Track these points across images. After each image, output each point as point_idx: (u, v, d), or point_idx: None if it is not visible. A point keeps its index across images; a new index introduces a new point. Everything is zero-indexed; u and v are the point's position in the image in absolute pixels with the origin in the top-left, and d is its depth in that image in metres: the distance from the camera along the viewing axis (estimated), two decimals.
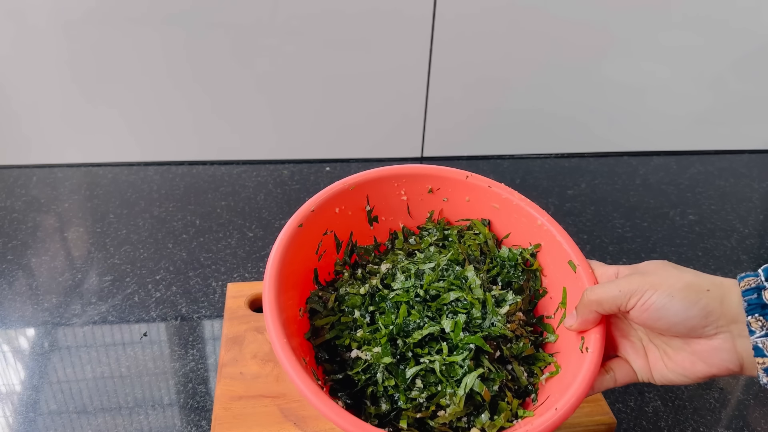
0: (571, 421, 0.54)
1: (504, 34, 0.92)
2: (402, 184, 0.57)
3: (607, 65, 0.96)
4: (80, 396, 0.59)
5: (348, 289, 0.53)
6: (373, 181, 0.56)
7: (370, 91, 0.94)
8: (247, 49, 0.88)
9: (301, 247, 0.52)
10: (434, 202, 0.58)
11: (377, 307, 0.51)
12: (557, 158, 1.03)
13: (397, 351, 0.48)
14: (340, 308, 0.52)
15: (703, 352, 0.42)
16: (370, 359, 0.48)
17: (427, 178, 0.57)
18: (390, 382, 0.47)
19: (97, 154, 0.95)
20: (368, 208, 0.58)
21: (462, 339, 0.47)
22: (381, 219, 0.58)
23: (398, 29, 0.89)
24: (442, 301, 0.50)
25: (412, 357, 0.48)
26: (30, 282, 0.72)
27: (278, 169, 0.97)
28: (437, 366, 0.46)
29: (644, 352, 0.46)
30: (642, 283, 0.43)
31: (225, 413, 0.53)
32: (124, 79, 0.89)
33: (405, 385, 0.47)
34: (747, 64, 0.99)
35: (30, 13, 0.82)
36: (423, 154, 1.01)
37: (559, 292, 0.52)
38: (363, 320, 0.50)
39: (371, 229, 0.59)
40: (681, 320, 0.41)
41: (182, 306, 0.69)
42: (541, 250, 0.54)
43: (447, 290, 0.51)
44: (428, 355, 0.47)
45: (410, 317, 0.49)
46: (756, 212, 0.92)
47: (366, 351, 0.48)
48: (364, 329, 0.50)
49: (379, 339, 0.48)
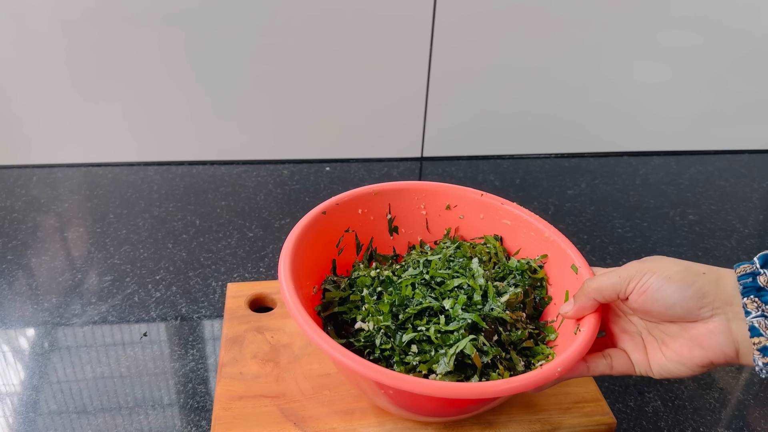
0: (571, 421, 0.54)
1: (504, 33, 0.92)
2: (422, 198, 0.61)
3: (607, 65, 0.96)
4: (80, 396, 0.59)
5: (360, 273, 0.57)
6: (396, 191, 0.60)
7: (370, 91, 0.94)
8: (247, 49, 0.88)
9: (322, 232, 0.56)
10: (451, 219, 0.62)
11: (385, 289, 0.54)
12: (557, 158, 1.03)
13: (397, 321, 0.50)
14: (350, 288, 0.56)
15: (700, 336, 0.43)
16: (371, 329, 0.51)
17: (445, 194, 0.61)
18: (387, 345, 0.49)
19: (97, 154, 0.95)
20: (389, 216, 0.61)
21: (460, 315, 0.49)
22: (401, 230, 0.62)
23: (398, 29, 0.89)
24: (446, 287, 0.52)
25: (411, 328, 0.50)
26: (30, 282, 0.72)
27: (278, 169, 0.97)
28: (432, 332, 0.49)
29: (643, 345, 0.47)
30: (640, 268, 0.44)
31: (225, 413, 0.53)
32: (124, 79, 0.89)
33: (401, 348, 0.49)
34: (747, 64, 0.99)
35: (30, 14, 0.82)
36: (423, 155, 1.01)
37: (563, 298, 0.54)
38: (370, 299, 0.53)
39: (391, 239, 0.62)
40: (677, 301, 0.42)
41: (182, 306, 0.69)
42: (548, 261, 0.56)
43: (451, 277, 0.53)
44: (425, 325, 0.50)
45: (414, 296, 0.52)
46: (756, 212, 0.92)
47: (369, 321, 0.51)
48: (370, 303, 0.53)
49: (381, 309, 0.51)
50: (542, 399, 0.56)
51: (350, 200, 0.58)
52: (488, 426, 0.53)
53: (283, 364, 0.58)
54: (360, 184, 0.93)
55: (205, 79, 0.90)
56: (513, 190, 0.94)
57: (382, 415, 0.54)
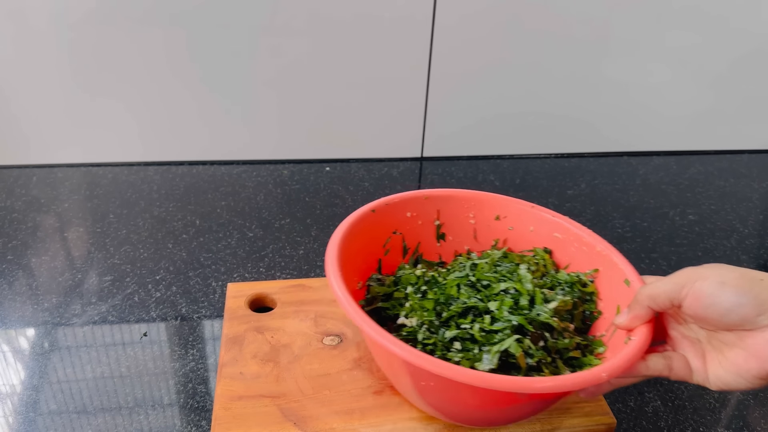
0: (571, 421, 0.54)
1: (504, 33, 0.92)
2: (472, 207, 0.61)
3: (607, 65, 0.96)
4: (80, 396, 0.59)
5: (405, 272, 0.58)
6: (446, 197, 0.61)
7: (370, 91, 0.94)
8: (247, 49, 0.88)
9: (370, 229, 0.57)
10: (500, 230, 0.62)
11: (429, 288, 0.54)
12: (557, 158, 1.03)
13: (440, 319, 0.50)
14: (395, 286, 0.56)
15: (756, 345, 0.41)
16: (415, 324, 0.51)
17: (495, 204, 0.61)
18: (429, 341, 0.49)
19: (97, 154, 0.95)
20: (437, 222, 0.61)
21: (505, 316, 0.49)
22: (448, 238, 0.62)
23: (398, 29, 0.89)
24: (491, 290, 0.52)
25: (454, 325, 0.50)
26: (30, 282, 0.72)
27: (278, 169, 0.97)
28: (476, 330, 0.48)
29: (703, 353, 0.46)
30: (693, 273, 0.43)
31: (225, 413, 0.53)
32: (124, 79, 0.89)
33: (443, 344, 0.49)
34: (747, 64, 0.99)
35: (30, 14, 0.82)
36: (423, 155, 1.01)
37: (613, 313, 0.52)
38: (414, 296, 0.53)
39: (438, 246, 0.62)
40: (732, 307, 0.41)
41: (182, 306, 0.69)
42: (599, 276, 0.56)
43: (498, 281, 0.53)
44: (470, 324, 0.49)
45: (459, 296, 0.52)
46: (756, 212, 0.92)
47: (412, 318, 0.51)
48: (414, 300, 0.53)
49: (425, 305, 0.51)
50: None
51: (400, 202, 0.59)
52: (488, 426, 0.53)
53: (283, 364, 0.58)
54: (360, 184, 0.93)
55: (206, 79, 0.90)
56: (513, 190, 0.94)
57: (382, 415, 0.54)
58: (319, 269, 0.76)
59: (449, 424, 0.53)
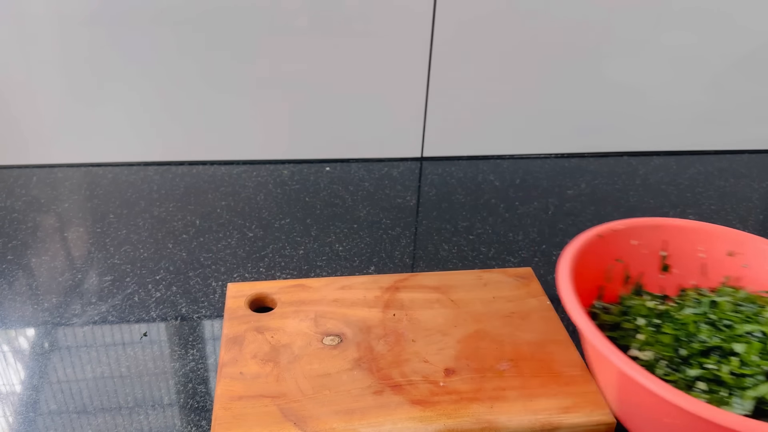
0: (571, 421, 0.54)
1: (504, 33, 0.92)
2: (702, 240, 0.58)
3: (607, 65, 0.96)
4: (80, 396, 0.59)
5: (635, 302, 0.55)
6: (676, 228, 0.59)
7: (370, 91, 0.94)
8: (246, 49, 0.88)
9: (595, 255, 0.55)
10: (733, 267, 0.58)
11: (663, 322, 0.51)
12: (557, 158, 1.03)
13: (678, 354, 0.47)
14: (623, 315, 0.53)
15: None
16: (650, 358, 0.48)
17: (728, 239, 0.58)
18: (672, 377, 0.46)
19: (97, 154, 0.95)
20: (663, 253, 0.59)
21: (754, 360, 0.46)
22: (673, 270, 0.60)
23: (398, 29, 0.89)
24: (734, 330, 0.49)
25: (697, 364, 0.47)
26: (30, 282, 0.72)
27: (278, 169, 0.97)
28: (724, 373, 0.45)
29: None
30: None
31: (225, 413, 0.53)
32: (124, 79, 0.89)
33: (686, 383, 0.46)
34: (747, 63, 0.99)
35: (30, 13, 0.82)
36: (423, 155, 1.01)
37: None
38: (647, 329, 0.51)
39: (661, 278, 0.60)
40: None
41: (182, 306, 0.69)
42: None
43: (742, 322, 0.49)
44: (715, 364, 0.46)
45: (698, 333, 0.49)
46: (756, 212, 0.92)
47: (645, 351, 0.48)
48: (647, 334, 0.50)
49: (662, 340, 0.48)
50: (542, 399, 0.56)
51: (627, 229, 0.57)
52: (488, 426, 0.53)
53: (283, 364, 0.58)
54: (360, 184, 0.93)
55: (205, 79, 0.90)
56: (513, 190, 0.94)
57: (382, 415, 0.53)
58: (319, 269, 0.76)
59: (450, 424, 0.53)
